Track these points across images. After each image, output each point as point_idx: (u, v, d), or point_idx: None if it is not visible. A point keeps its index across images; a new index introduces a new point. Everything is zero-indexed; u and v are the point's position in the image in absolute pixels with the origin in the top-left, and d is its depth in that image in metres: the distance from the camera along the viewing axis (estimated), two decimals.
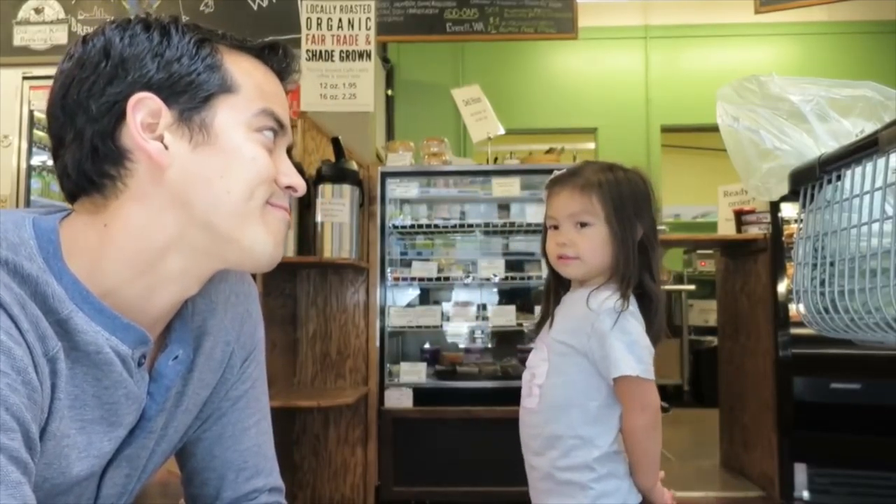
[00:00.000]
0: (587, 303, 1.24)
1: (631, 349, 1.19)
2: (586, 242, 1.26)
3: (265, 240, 0.74)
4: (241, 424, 0.90)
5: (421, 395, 2.98)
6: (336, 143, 2.86)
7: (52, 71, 0.73)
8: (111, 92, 0.69)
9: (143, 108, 0.69)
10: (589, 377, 1.23)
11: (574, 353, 1.24)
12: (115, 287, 0.70)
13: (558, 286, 1.38)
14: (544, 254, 1.35)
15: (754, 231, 3.17)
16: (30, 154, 3.92)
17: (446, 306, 3.22)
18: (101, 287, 0.69)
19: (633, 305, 1.24)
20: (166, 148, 0.69)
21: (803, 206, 1.11)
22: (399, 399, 2.97)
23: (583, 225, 1.27)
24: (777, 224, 2.93)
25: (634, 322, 1.22)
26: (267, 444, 0.93)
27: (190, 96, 0.70)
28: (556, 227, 1.31)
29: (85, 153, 0.69)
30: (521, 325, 3.07)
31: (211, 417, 0.88)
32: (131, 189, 0.70)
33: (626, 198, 1.27)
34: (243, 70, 0.74)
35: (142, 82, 0.69)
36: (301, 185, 0.77)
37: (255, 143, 0.73)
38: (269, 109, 0.74)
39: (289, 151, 0.80)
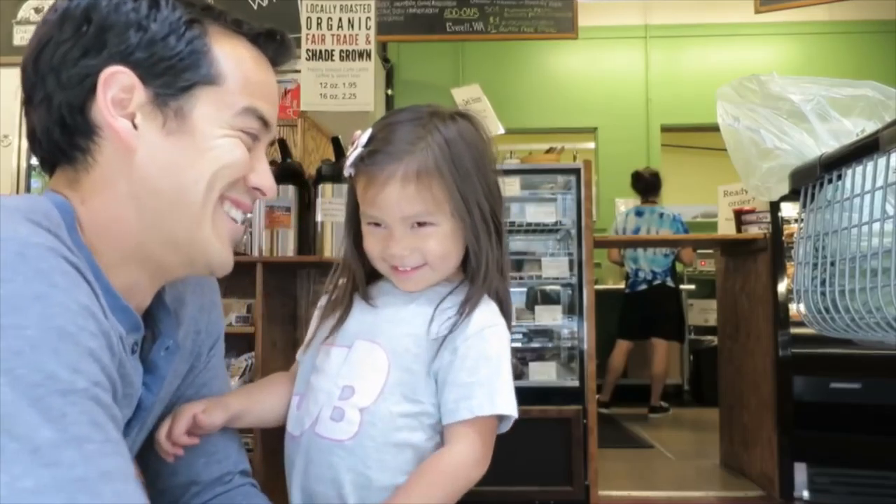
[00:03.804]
0: (465, 317, 0.89)
1: (508, 380, 0.90)
2: (433, 246, 0.90)
3: (214, 243, 0.71)
4: None
5: None
6: (336, 142, 2.86)
7: None
8: (85, 63, 0.65)
9: (116, 84, 0.65)
10: (435, 408, 0.89)
11: (426, 375, 0.89)
12: (106, 266, 0.67)
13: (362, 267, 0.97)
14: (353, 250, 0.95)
15: (754, 231, 3.17)
16: (30, 154, 3.91)
17: None
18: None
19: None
20: (136, 128, 0.66)
21: (804, 205, 1.11)
22: None
23: (421, 224, 0.90)
24: (777, 224, 2.93)
25: (508, 343, 0.93)
26: (232, 428, 0.92)
27: (168, 81, 0.67)
28: (378, 225, 0.91)
29: (53, 120, 0.67)
30: (520, 324, 3.07)
31: (177, 405, 0.87)
32: (102, 166, 0.67)
33: (468, 167, 0.90)
34: (232, 57, 0.70)
35: (118, 57, 0.65)
36: (271, 189, 0.74)
37: (233, 139, 0.70)
38: (252, 107, 0.70)
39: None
